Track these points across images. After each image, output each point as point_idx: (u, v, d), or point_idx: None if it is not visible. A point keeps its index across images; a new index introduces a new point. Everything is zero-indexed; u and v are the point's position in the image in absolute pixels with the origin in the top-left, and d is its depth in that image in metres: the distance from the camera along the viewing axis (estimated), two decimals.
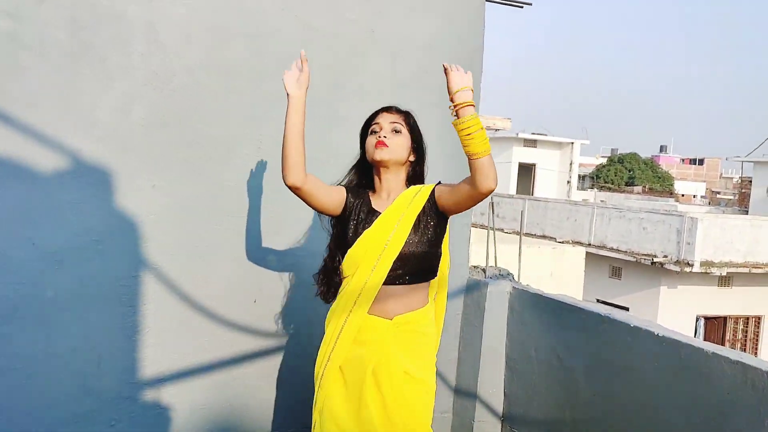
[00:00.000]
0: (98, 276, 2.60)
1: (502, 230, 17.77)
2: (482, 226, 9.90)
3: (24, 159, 2.48)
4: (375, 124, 2.27)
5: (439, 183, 2.27)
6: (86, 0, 2.52)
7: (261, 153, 2.80)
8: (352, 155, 2.52)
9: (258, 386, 2.88)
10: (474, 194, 2.07)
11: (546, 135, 29.62)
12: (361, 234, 2.20)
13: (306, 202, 2.26)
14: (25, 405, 2.53)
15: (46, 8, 2.47)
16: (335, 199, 2.26)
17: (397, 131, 2.25)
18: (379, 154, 2.21)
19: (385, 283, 2.17)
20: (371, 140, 2.25)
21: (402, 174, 2.29)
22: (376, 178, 2.30)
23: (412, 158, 2.29)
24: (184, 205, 2.72)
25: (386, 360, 2.16)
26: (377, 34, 2.95)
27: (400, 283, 2.19)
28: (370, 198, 2.30)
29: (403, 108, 2.34)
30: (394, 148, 2.22)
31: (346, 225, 2.26)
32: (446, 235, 2.30)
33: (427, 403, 2.23)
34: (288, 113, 2.16)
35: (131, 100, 2.62)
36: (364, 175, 2.35)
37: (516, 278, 3.29)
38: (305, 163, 2.17)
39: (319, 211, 2.31)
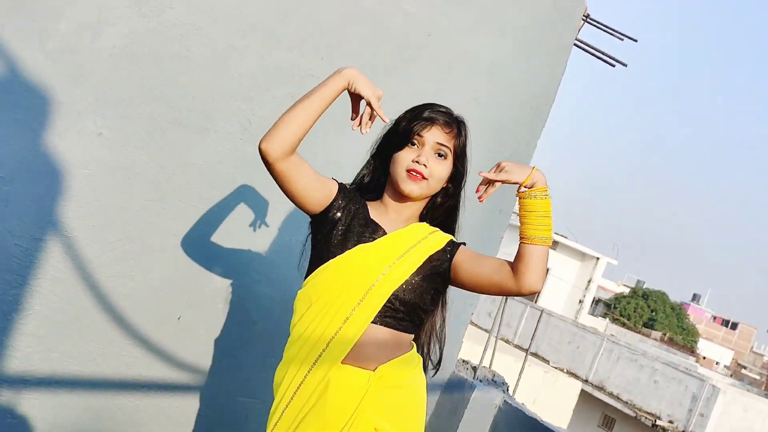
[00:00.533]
0: None
1: (486, 331, 17.60)
2: (477, 326, 9.70)
3: None
4: (418, 136, 2.04)
5: (464, 244, 2.10)
6: None
7: (247, 135, 2.66)
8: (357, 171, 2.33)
9: (149, 428, 2.68)
10: (507, 285, 1.97)
11: (568, 238, 29.80)
12: (353, 246, 1.99)
13: (279, 184, 2.02)
14: None
15: None
16: (319, 191, 2.04)
17: (441, 155, 2.04)
18: (409, 188, 2.02)
19: (376, 322, 1.95)
20: (405, 158, 2.03)
21: (423, 203, 2.11)
22: (389, 197, 2.10)
23: (442, 186, 2.10)
24: (132, 171, 2.55)
25: (352, 418, 1.92)
26: (433, 40, 2.85)
27: (387, 325, 1.97)
28: (369, 208, 2.09)
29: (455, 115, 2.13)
30: (432, 182, 2.03)
31: (330, 229, 2.03)
32: None
33: None
34: (329, 87, 1.97)
35: (106, 21, 2.47)
36: (372, 182, 2.16)
37: (511, 391, 3.06)
38: (299, 139, 1.96)
39: (294, 201, 2.06)
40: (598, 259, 29.53)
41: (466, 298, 2.97)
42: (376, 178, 2.14)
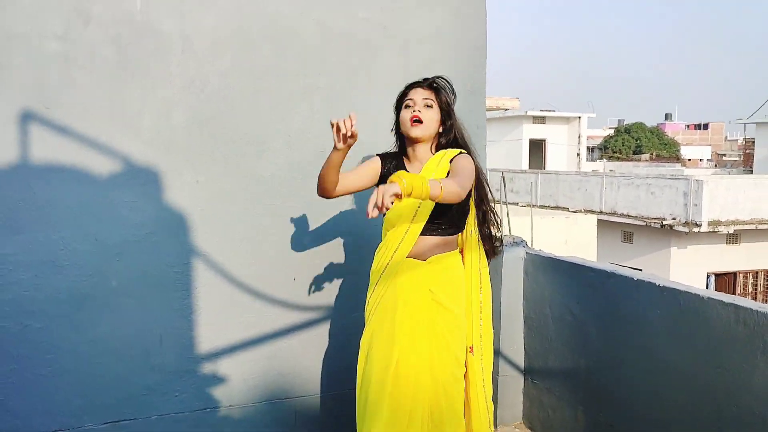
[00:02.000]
0: (154, 265, 2.77)
1: (516, 204, 17.80)
2: (496, 201, 9.98)
3: (82, 164, 2.65)
4: (409, 99, 2.40)
5: (462, 153, 2.38)
6: (127, 18, 2.67)
7: (291, 147, 2.93)
8: (369, 143, 2.67)
9: (302, 355, 3.04)
10: None
11: (554, 111, 29.40)
12: None
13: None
14: (98, 381, 2.73)
15: (93, 29, 2.63)
16: (369, 177, 2.43)
17: (428, 106, 2.37)
18: (415, 132, 2.36)
19: (423, 234, 2.35)
20: (406, 114, 2.38)
21: (431, 144, 2.43)
22: (410, 149, 2.45)
23: (440, 130, 2.42)
24: (226, 197, 2.86)
25: (415, 285, 2.34)
26: (388, 30, 3.05)
27: (435, 234, 2.37)
28: (405, 164, 2.45)
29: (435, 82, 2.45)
30: (427, 123, 2.35)
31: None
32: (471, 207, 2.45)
33: (451, 327, 2.36)
34: (331, 157, 2.20)
35: (172, 106, 2.76)
36: (401, 141, 2.51)
37: (529, 245, 3.40)
38: (336, 183, 2.29)
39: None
40: (579, 117, 29.15)
41: None
42: (401, 144, 2.49)
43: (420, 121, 2.33)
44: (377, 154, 2.48)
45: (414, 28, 3.10)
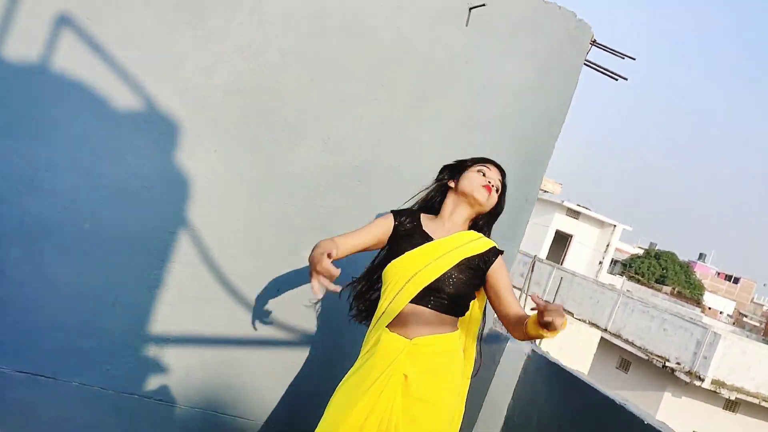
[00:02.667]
0: (139, 222, 2.62)
1: (519, 289, 17.57)
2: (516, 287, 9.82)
3: (101, 91, 2.53)
4: (484, 166, 2.39)
5: (502, 253, 2.34)
6: None
7: (327, 149, 2.79)
8: (410, 174, 2.54)
9: (256, 374, 2.85)
10: (505, 327, 2.29)
11: (590, 209, 29.32)
12: (405, 252, 2.25)
13: None
14: (29, 323, 2.56)
15: None
16: (377, 236, 2.34)
17: (497, 189, 2.40)
18: (483, 196, 2.34)
19: (412, 302, 2.19)
20: (478, 178, 2.35)
21: (470, 219, 2.39)
22: (450, 207, 2.37)
23: (488, 211, 2.41)
24: (239, 179, 2.72)
25: (393, 375, 2.16)
26: (469, 66, 2.93)
27: (426, 306, 2.21)
28: (422, 221, 2.35)
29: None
30: (491, 201, 2.37)
31: (396, 240, 2.31)
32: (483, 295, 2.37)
33: (432, 424, 2.18)
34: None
35: (218, 64, 2.65)
36: (433, 200, 2.43)
37: (537, 343, 3.23)
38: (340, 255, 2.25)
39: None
40: (615, 226, 29.04)
41: None
42: (438, 200, 2.42)
43: (490, 192, 2.35)
44: (391, 211, 2.41)
45: (496, 75, 2.96)
